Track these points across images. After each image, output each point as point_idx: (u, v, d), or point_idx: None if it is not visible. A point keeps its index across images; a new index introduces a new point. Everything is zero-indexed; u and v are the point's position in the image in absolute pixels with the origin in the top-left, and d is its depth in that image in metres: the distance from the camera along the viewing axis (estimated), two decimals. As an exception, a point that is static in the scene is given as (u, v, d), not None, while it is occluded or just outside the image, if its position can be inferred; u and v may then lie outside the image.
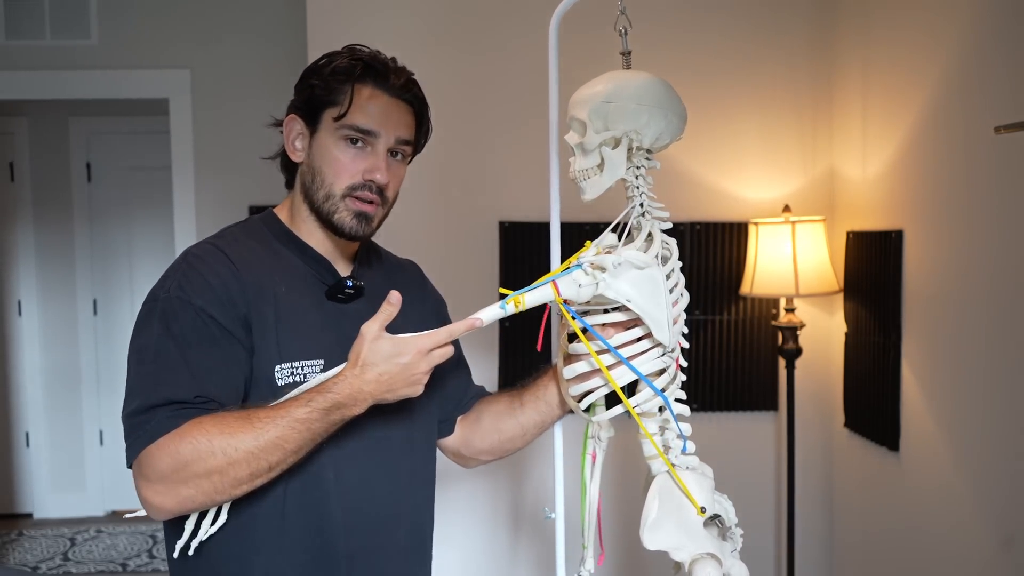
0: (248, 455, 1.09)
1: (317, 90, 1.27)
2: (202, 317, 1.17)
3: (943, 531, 2.14)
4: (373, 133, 1.26)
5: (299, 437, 1.12)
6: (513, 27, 2.65)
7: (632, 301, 1.18)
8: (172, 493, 1.11)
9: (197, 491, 1.11)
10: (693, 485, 1.20)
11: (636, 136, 1.21)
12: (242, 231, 1.31)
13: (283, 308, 1.23)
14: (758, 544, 2.79)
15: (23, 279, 4.67)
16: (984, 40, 1.97)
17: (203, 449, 1.09)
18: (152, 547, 4.25)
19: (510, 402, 1.42)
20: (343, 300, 1.29)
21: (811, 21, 2.73)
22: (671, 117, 1.22)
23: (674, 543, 1.18)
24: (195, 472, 1.09)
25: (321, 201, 1.27)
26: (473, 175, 2.69)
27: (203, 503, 1.13)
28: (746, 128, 2.72)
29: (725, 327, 2.72)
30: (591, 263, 1.18)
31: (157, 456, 1.10)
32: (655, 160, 1.26)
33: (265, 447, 1.10)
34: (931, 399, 2.19)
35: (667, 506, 1.20)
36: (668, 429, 1.24)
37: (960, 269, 2.06)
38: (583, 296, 1.18)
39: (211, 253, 1.23)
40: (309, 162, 1.29)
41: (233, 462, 1.09)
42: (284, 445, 1.11)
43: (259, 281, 1.22)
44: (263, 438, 1.10)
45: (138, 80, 3.60)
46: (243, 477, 1.11)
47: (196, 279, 1.19)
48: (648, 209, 1.25)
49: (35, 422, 4.67)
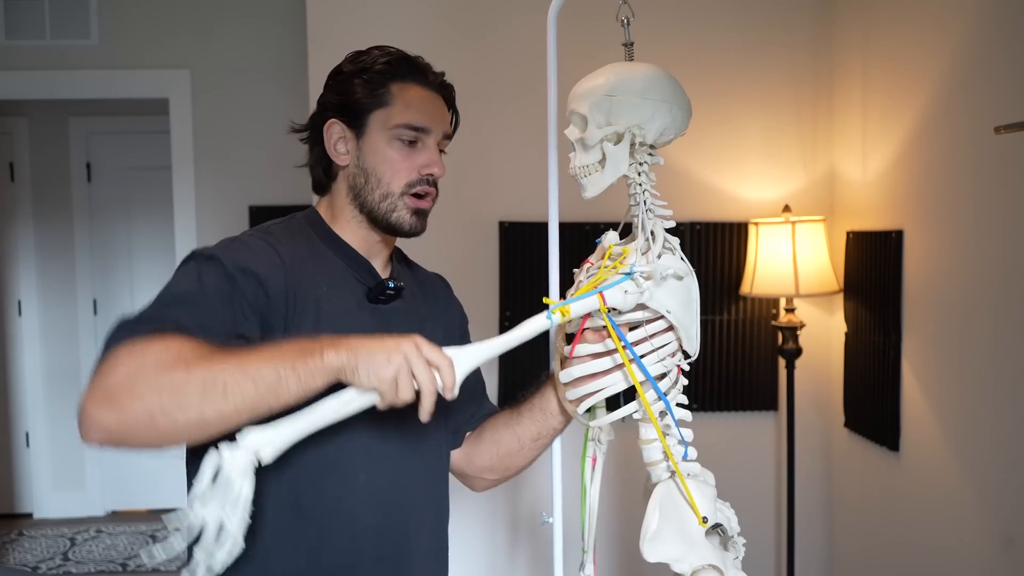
0: (208, 373, 0.97)
1: (359, 92, 1.27)
2: (226, 276, 1.12)
3: (943, 531, 2.13)
4: (426, 130, 1.28)
5: (265, 367, 0.98)
6: (512, 23, 2.65)
7: (672, 312, 1.16)
8: (114, 402, 0.97)
9: (141, 399, 0.96)
10: (696, 493, 1.18)
11: (639, 131, 1.17)
12: (287, 229, 1.29)
13: (324, 310, 1.22)
14: (758, 545, 2.79)
15: (23, 279, 4.67)
16: (984, 40, 1.97)
17: (168, 356, 0.98)
18: (152, 547, 4.25)
19: (508, 415, 1.41)
20: (383, 301, 1.29)
21: (811, 21, 2.73)
22: (676, 111, 1.18)
23: (675, 554, 1.15)
24: (148, 380, 0.97)
25: (378, 201, 1.27)
26: (473, 175, 2.69)
27: (145, 422, 0.97)
28: (746, 128, 2.72)
29: (725, 327, 2.72)
30: (642, 272, 1.15)
31: (113, 363, 0.99)
32: (658, 156, 1.22)
33: (227, 369, 0.97)
34: (931, 399, 2.19)
35: (668, 516, 1.17)
36: (668, 435, 1.21)
37: (960, 269, 2.05)
38: (628, 305, 1.15)
39: (258, 243, 1.21)
40: (359, 164, 1.28)
41: (191, 371, 0.97)
42: (246, 367, 0.97)
43: (303, 281, 1.21)
44: (226, 357, 0.99)
45: (138, 80, 3.60)
46: (194, 394, 0.96)
47: (234, 251, 1.16)
48: (651, 207, 1.21)
49: (35, 422, 4.67)
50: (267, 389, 0.97)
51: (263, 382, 0.97)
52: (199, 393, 0.96)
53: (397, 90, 1.28)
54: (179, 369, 0.97)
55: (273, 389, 0.97)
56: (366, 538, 1.24)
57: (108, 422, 0.97)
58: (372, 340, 1.01)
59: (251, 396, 0.97)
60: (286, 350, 1.00)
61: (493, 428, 1.43)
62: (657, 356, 1.18)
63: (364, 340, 1.01)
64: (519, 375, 2.65)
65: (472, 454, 1.46)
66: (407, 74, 1.29)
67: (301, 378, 0.98)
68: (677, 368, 1.22)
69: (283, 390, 0.98)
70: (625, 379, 1.20)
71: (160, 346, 0.99)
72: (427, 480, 1.33)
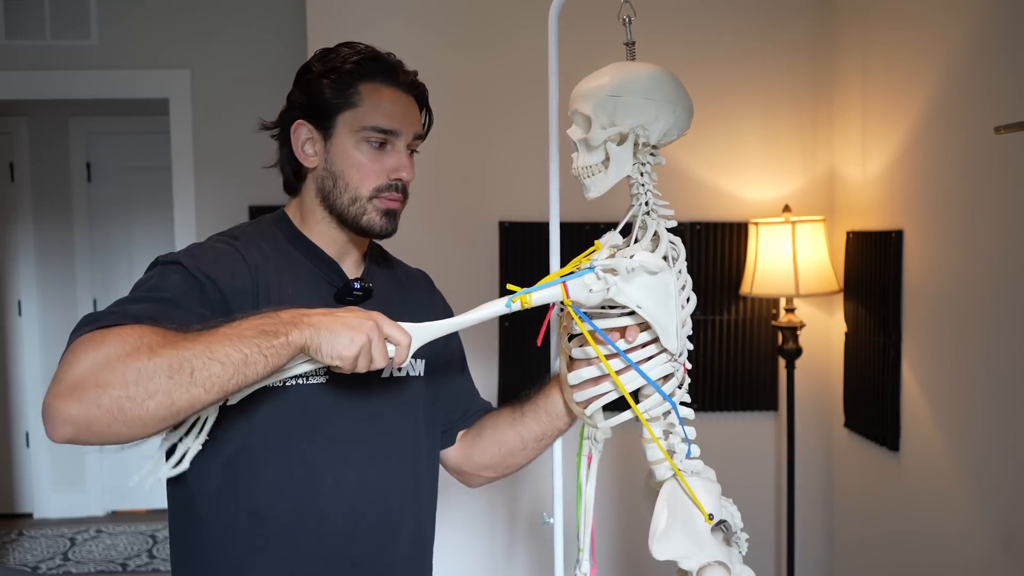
0: (174, 354, 0.96)
1: (327, 93, 1.25)
2: (187, 278, 1.13)
3: (943, 531, 2.13)
4: (395, 132, 1.26)
5: (231, 348, 0.98)
6: (513, 23, 2.65)
7: (643, 308, 1.14)
8: (77, 392, 0.94)
9: (105, 387, 0.94)
10: (701, 491, 1.18)
11: (644, 132, 1.16)
12: (254, 230, 1.29)
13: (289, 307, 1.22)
14: (758, 544, 2.78)
15: (23, 279, 4.67)
16: (984, 40, 1.97)
17: (130, 341, 0.97)
18: (152, 547, 4.25)
19: (511, 413, 1.39)
20: (351, 302, 1.27)
21: (812, 21, 2.73)
22: (679, 112, 1.17)
23: (683, 552, 1.16)
24: (111, 366, 0.95)
25: (347, 205, 1.25)
26: (473, 175, 2.69)
27: (112, 412, 0.95)
28: (746, 128, 2.72)
29: (725, 327, 2.72)
30: (603, 267, 1.13)
31: (76, 353, 0.97)
32: (660, 156, 1.21)
33: (192, 350, 0.97)
34: (931, 399, 2.19)
35: (676, 515, 1.17)
36: (673, 433, 1.21)
37: (960, 269, 2.05)
38: (592, 301, 1.14)
39: (225, 249, 1.21)
40: (327, 166, 1.26)
41: (156, 356, 0.96)
42: (212, 349, 0.97)
43: (268, 283, 1.21)
44: (190, 340, 0.98)
45: (138, 80, 3.60)
46: (162, 376, 0.95)
47: (197, 254, 1.18)
48: (654, 207, 1.20)
49: (35, 422, 4.66)
50: (235, 369, 0.98)
51: (230, 363, 0.98)
52: (166, 378, 0.95)
53: (366, 90, 1.25)
54: (143, 356, 0.96)
55: (240, 369, 0.98)
56: (338, 542, 1.22)
57: (74, 414, 0.94)
58: (334, 317, 1.03)
59: (219, 377, 0.97)
60: (248, 329, 1.00)
61: (494, 427, 1.42)
62: (642, 354, 1.17)
63: (326, 316, 1.03)
64: (519, 375, 2.65)
65: (471, 452, 1.45)
66: (376, 74, 1.26)
67: (267, 357, 1.00)
68: (684, 368, 1.21)
69: (250, 369, 0.99)
70: (634, 381, 1.18)
71: (121, 334, 0.98)
72: (404, 482, 1.30)
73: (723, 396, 2.74)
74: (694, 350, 1.23)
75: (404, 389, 1.32)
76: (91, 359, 0.96)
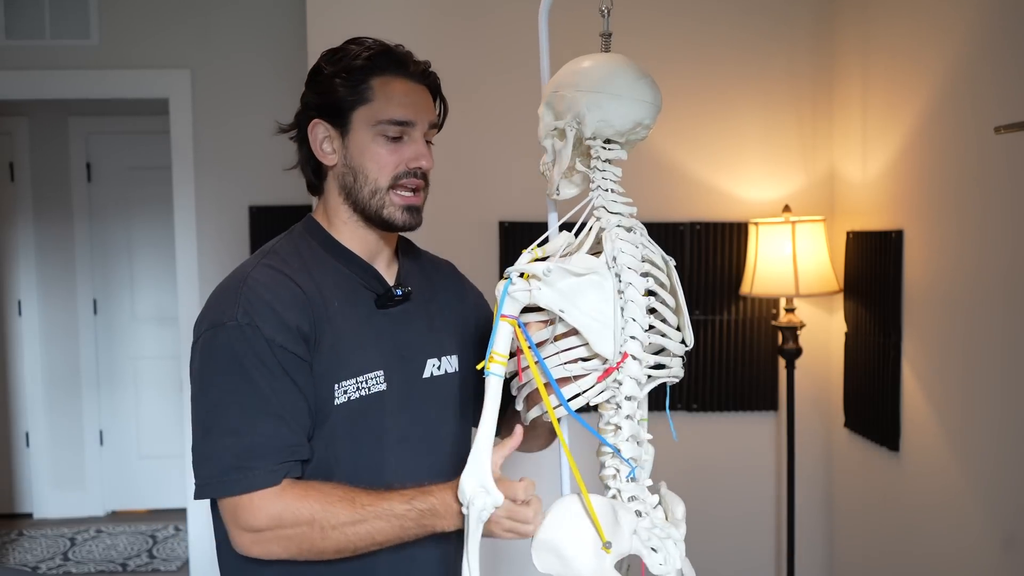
0: (342, 537, 1.15)
1: (340, 91, 1.26)
2: (273, 347, 1.16)
3: (943, 531, 2.13)
4: (411, 123, 1.27)
5: (390, 531, 1.16)
6: (513, 23, 2.65)
7: (566, 312, 1.11)
8: (261, 545, 1.16)
9: (284, 551, 1.16)
10: (607, 514, 1.09)
11: (577, 126, 1.12)
12: (290, 244, 1.30)
13: (338, 324, 1.23)
14: (758, 545, 2.79)
15: (23, 279, 4.66)
16: (984, 40, 1.97)
17: (303, 518, 1.14)
18: (152, 547, 4.25)
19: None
20: (392, 306, 1.31)
21: (811, 20, 2.73)
22: (615, 102, 1.11)
23: (554, 570, 1.10)
24: (289, 536, 1.15)
25: (368, 198, 1.27)
26: (473, 175, 2.69)
27: (284, 559, 1.18)
28: (746, 128, 2.72)
29: (725, 327, 2.72)
30: (520, 272, 1.12)
31: (254, 510, 1.15)
32: (619, 150, 1.16)
33: (358, 533, 1.15)
34: (931, 399, 2.19)
35: (561, 529, 1.10)
36: (618, 450, 1.14)
37: (960, 269, 2.05)
38: (517, 309, 1.13)
39: (273, 277, 1.22)
40: (346, 162, 1.28)
41: (326, 538, 1.15)
42: (375, 536, 1.16)
43: (315, 300, 1.22)
44: (360, 526, 1.15)
45: (138, 80, 3.59)
46: (329, 551, 1.16)
47: (261, 307, 1.18)
48: (604, 204, 1.16)
49: (35, 422, 4.66)
50: (389, 543, 1.19)
51: (388, 541, 1.18)
52: (334, 552, 1.17)
53: (378, 85, 1.26)
54: (315, 537, 1.15)
55: (394, 542, 1.19)
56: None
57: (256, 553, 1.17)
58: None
59: (376, 548, 1.19)
60: (405, 514, 1.16)
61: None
62: (558, 359, 1.14)
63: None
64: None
65: None
66: (387, 67, 1.27)
67: (418, 535, 1.19)
68: (606, 372, 1.13)
69: (403, 540, 1.19)
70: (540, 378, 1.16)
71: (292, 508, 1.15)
72: (448, 478, 1.30)
73: (723, 396, 2.74)
74: (694, 350, 1.21)
75: (441, 387, 1.35)
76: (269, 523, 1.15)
